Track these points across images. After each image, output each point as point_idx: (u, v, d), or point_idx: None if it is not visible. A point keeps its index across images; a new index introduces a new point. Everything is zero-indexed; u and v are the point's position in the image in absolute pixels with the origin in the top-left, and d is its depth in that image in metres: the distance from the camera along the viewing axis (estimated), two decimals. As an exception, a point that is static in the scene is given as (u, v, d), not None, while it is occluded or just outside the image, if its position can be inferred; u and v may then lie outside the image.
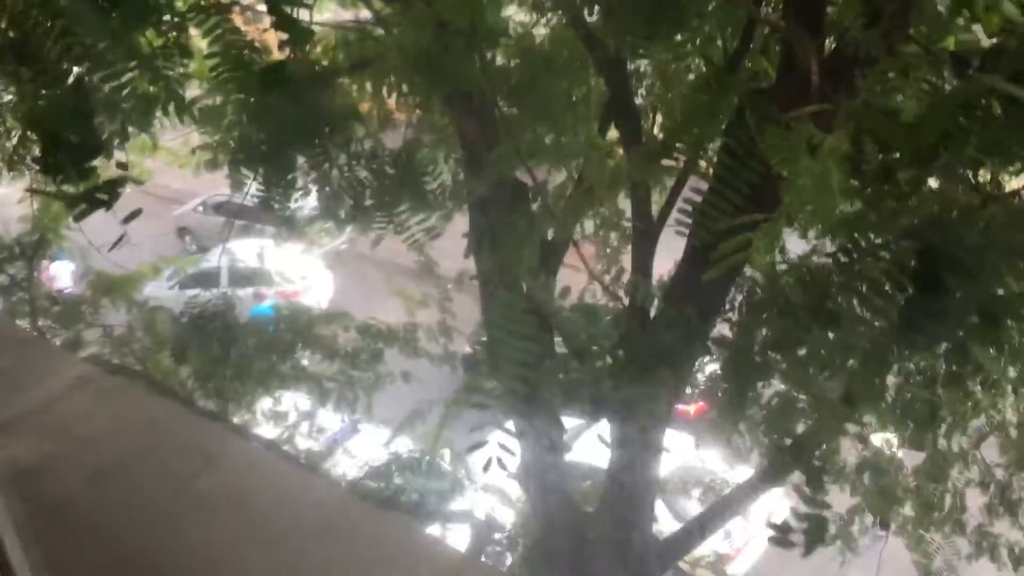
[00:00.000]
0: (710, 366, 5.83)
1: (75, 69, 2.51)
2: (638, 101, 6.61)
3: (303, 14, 2.48)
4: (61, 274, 13.09)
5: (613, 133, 6.42)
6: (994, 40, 2.56)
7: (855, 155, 2.54)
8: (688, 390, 5.63)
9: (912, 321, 2.21)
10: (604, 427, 5.38)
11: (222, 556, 1.92)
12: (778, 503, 9.75)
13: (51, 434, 2.29)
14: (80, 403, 2.42)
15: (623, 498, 5.77)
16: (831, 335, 2.46)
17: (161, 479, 2.12)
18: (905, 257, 2.33)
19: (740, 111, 3.00)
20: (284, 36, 2.14)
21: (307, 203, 7.73)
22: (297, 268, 16.90)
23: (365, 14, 6.50)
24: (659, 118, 6.96)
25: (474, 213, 4.62)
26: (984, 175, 2.76)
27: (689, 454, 8.64)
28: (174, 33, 2.68)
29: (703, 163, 4.56)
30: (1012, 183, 3.14)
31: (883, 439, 7.01)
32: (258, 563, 1.88)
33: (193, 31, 3.06)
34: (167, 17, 2.62)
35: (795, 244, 4.60)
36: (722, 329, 4.67)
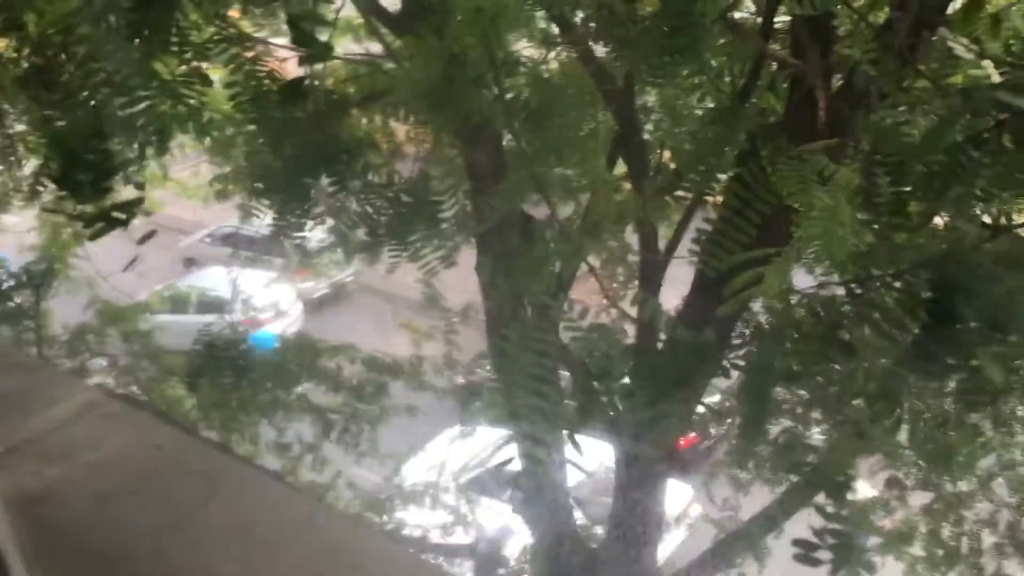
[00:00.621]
0: (707, 398, 5.81)
1: (95, 94, 2.56)
2: (646, 136, 6.65)
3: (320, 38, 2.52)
4: None
5: (620, 167, 6.46)
6: (1003, 73, 2.59)
7: (868, 188, 2.56)
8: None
9: (925, 350, 2.21)
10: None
11: (228, 584, 1.90)
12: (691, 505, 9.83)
13: (57, 459, 2.28)
14: (86, 428, 2.41)
15: (632, 518, 5.74)
16: (844, 366, 2.47)
17: (167, 505, 2.11)
18: (917, 287, 2.33)
19: (752, 142, 3.02)
20: (303, 52, 2.18)
21: (315, 235, 7.78)
22: (266, 297, 16.84)
23: (376, 47, 6.58)
24: (667, 153, 7.00)
25: (484, 243, 4.64)
26: (994, 208, 2.77)
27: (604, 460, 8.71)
28: (194, 62, 2.74)
29: (711, 197, 4.59)
30: (1022, 216, 3.15)
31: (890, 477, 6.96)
32: (264, 592, 1.86)
33: (208, 63, 3.11)
34: (187, 47, 2.68)
35: (801, 279, 4.61)
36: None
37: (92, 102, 2.55)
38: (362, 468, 11.33)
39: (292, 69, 3.56)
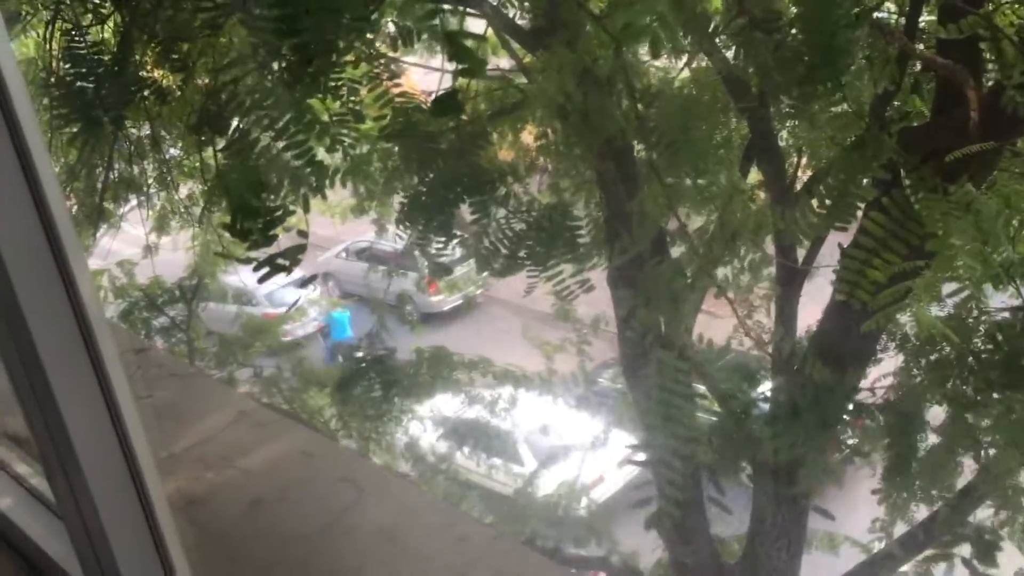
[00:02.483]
0: None
1: (262, 138, 2.73)
2: (780, 142, 6.47)
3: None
4: None
5: (755, 175, 6.30)
6: None
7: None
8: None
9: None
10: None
11: (374, 590, 1.95)
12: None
13: (214, 464, 2.40)
14: (240, 435, 2.52)
15: (774, 532, 5.59)
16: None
17: (316, 511, 2.18)
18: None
19: (892, 170, 2.89)
20: (460, 66, 2.24)
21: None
22: (289, 294, 17.04)
23: (504, 63, 6.65)
24: (804, 160, 6.80)
25: (617, 262, 4.60)
26: None
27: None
28: (350, 100, 2.90)
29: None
30: None
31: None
32: (409, 598, 1.90)
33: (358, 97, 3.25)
34: (341, 85, 2.83)
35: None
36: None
37: (258, 148, 2.71)
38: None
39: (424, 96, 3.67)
